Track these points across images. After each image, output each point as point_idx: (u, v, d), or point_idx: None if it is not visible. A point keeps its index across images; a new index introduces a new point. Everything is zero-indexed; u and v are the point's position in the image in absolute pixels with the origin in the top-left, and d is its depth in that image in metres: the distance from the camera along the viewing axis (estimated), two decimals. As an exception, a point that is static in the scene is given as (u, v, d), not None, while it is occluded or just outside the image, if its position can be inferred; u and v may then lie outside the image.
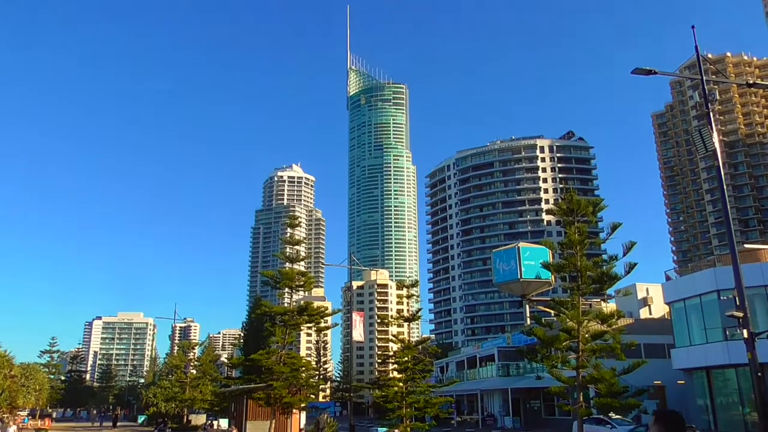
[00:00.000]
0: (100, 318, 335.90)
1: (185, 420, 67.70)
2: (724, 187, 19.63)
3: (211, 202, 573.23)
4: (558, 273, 32.98)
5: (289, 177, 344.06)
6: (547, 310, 51.49)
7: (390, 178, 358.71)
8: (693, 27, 20.97)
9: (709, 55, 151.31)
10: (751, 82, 22.62)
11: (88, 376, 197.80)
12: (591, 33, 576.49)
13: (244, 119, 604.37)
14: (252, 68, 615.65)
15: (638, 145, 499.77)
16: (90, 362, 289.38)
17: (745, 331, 17.71)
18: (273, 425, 39.89)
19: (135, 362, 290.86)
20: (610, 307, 75.33)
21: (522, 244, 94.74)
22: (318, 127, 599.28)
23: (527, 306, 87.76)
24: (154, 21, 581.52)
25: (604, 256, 32.70)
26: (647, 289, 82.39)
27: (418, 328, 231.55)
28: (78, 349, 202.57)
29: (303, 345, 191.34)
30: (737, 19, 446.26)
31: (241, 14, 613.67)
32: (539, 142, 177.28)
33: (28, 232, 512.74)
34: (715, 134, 20.09)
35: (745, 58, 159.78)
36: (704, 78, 20.33)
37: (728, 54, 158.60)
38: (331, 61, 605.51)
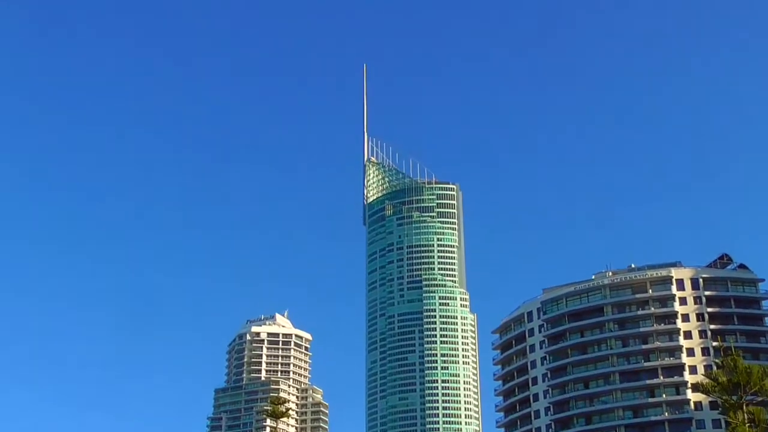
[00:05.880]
0: None
1: None
2: None
3: (150, 373, 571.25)
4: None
5: (269, 334, 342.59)
6: None
7: (435, 335, 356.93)
8: None
9: None
10: None
11: None
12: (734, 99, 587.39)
13: (203, 244, 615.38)
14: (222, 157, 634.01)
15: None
16: None
17: None
18: None
19: None
20: None
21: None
22: (317, 253, 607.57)
23: None
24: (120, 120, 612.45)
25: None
26: None
27: None
28: None
29: None
30: None
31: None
32: (676, 273, 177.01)
33: None
34: None
35: None
36: None
37: None
38: (340, 150, 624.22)
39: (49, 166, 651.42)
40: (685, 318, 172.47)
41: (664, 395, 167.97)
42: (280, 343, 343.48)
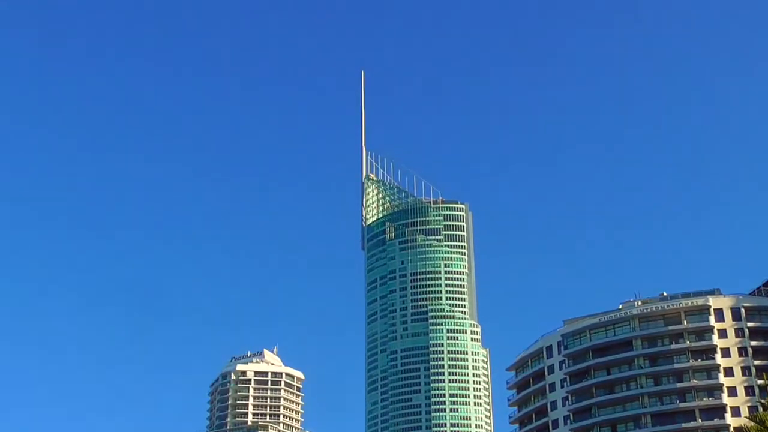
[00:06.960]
0: None
1: None
2: None
3: (124, 416, 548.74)
4: None
5: (257, 373, 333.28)
6: None
7: (442, 373, 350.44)
8: None
9: None
10: None
11: None
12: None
13: (184, 272, 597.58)
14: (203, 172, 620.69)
15: None
16: None
17: None
18: None
19: None
20: None
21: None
22: (310, 281, 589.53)
23: None
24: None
25: None
26: None
27: None
28: None
29: None
30: None
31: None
32: (714, 303, 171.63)
33: None
34: None
35: None
36: None
37: None
38: (335, 166, 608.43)
39: (49, 181, 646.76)
40: (726, 353, 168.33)
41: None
42: (269, 382, 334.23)
